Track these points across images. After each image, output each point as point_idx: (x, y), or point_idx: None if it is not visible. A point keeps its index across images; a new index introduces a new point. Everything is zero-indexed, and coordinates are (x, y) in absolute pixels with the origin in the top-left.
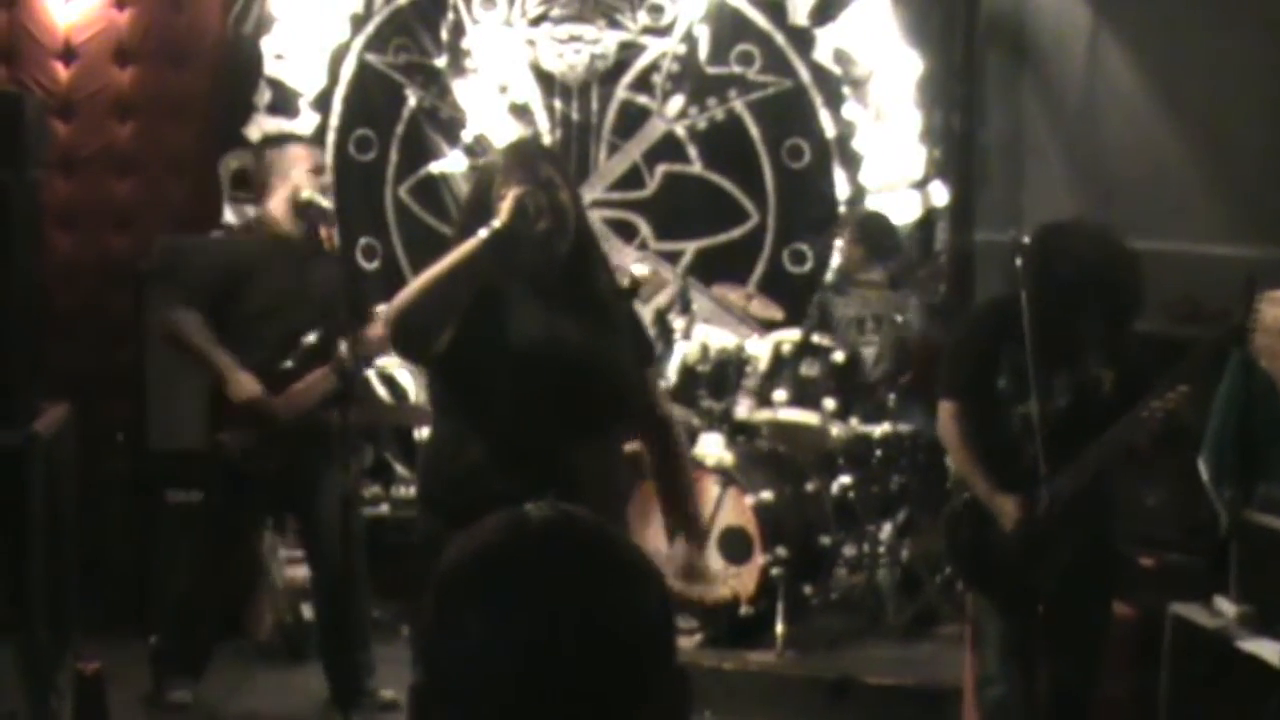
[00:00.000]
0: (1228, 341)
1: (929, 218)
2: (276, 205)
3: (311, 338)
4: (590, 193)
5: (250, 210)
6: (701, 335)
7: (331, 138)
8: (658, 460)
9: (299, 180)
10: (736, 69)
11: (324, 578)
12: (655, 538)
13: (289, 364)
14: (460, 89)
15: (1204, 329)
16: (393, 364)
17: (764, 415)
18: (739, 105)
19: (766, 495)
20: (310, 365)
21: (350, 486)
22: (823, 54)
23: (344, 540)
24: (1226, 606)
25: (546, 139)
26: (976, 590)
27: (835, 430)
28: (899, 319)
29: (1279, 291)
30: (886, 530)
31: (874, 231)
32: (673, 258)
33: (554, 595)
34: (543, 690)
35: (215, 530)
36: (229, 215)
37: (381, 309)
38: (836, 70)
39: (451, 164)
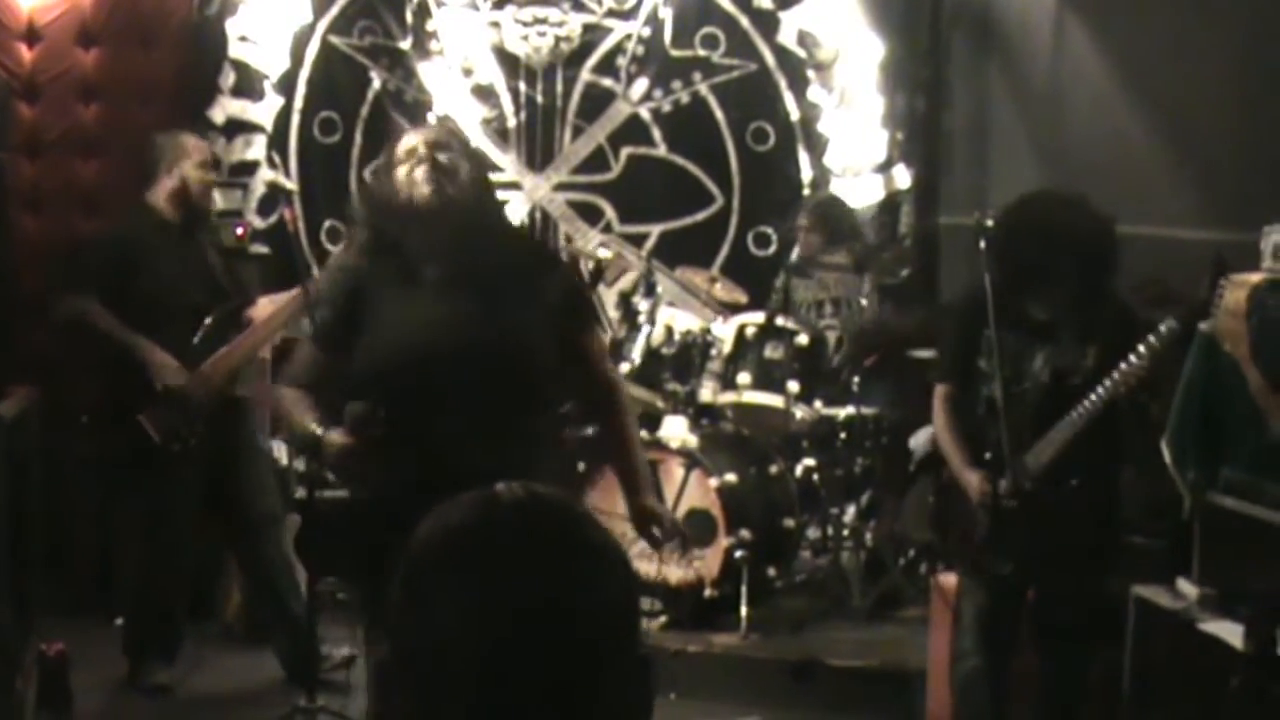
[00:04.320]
0: (1191, 317)
1: (893, 201)
2: (161, 193)
3: (211, 317)
4: (555, 175)
5: (216, 194)
6: (666, 318)
7: (295, 120)
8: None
9: (186, 172)
10: (701, 52)
11: (249, 556)
12: (622, 522)
13: (195, 342)
14: (425, 71)
15: (1171, 312)
16: None
17: (728, 398)
18: (703, 88)
19: (730, 478)
20: (214, 343)
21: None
22: (787, 37)
23: (269, 519)
24: (1189, 588)
25: (511, 121)
26: (953, 565)
27: (799, 413)
28: (862, 302)
29: (1243, 275)
30: (850, 513)
31: (830, 217)
32: (637, 240)
33: (517, 576)
34: (502, 669)
35: (149, 512)
36: None
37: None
38: (801, 53)
39: None
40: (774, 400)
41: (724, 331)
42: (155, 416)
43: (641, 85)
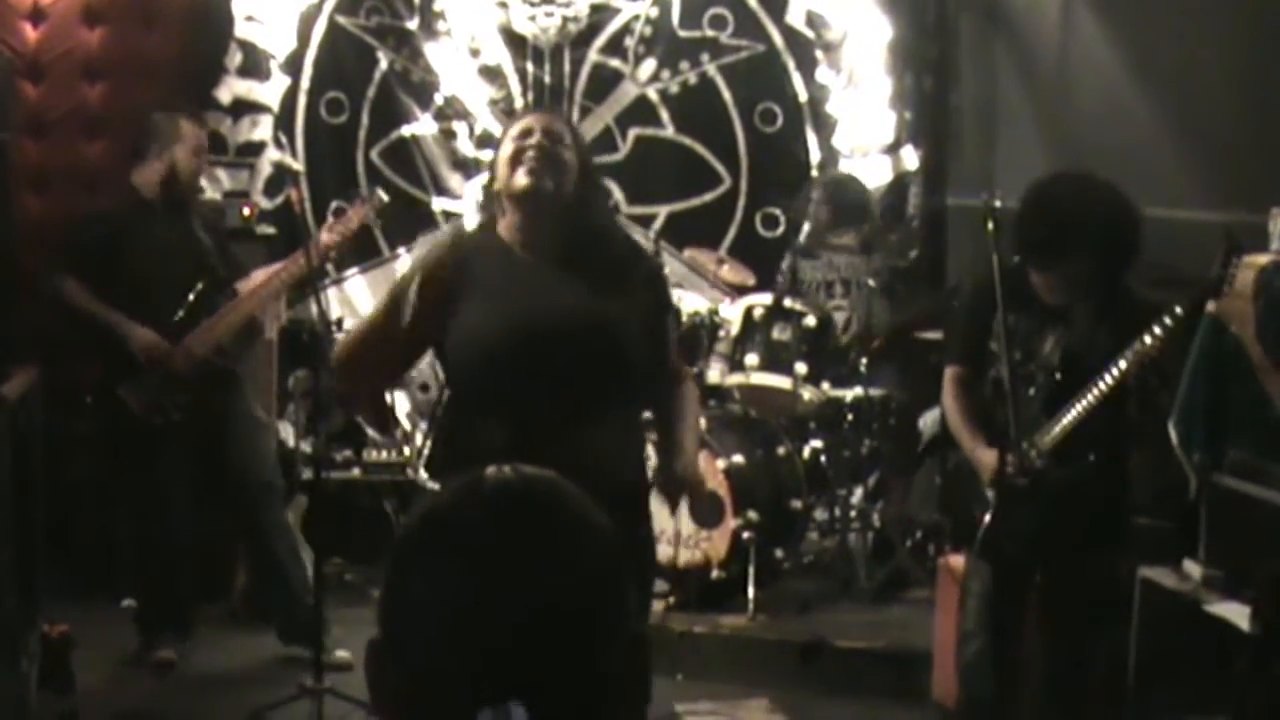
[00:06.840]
0: (1203, 296)
1: (901, 182)
2: (147, 174)
3: (195, 292)
4: None
5: (222, 174)
6: (673, 299)
7: (302, 100)
8: (660, 410)
9: (176, 158)
10: (709, 32)
11: (249, 525)
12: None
13: (179, 316)
14: (432, 51)
15: (1182, 292)
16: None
17: (736, 379)
18: (711, 69)
19: (738, 459)
20: (199, 317)
21: (270, 432)
22: (795, 17)
23: (265, 488)
24: (1195, 570)
25: (518, 102)
26: (962, 546)
27: (806, 394)
28: (871, 283)
29: (1251, 256)
30: (857, 494)
31: (842, 194)
32: (645, 222)
33: (497, 556)
34: (486, 651)
35: (141, 488)
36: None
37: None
38: (809, 34)
39: (423, 127)
40: (781, 382)
41: (731, 313)
42: (135, 389)
43: (649, 66)
